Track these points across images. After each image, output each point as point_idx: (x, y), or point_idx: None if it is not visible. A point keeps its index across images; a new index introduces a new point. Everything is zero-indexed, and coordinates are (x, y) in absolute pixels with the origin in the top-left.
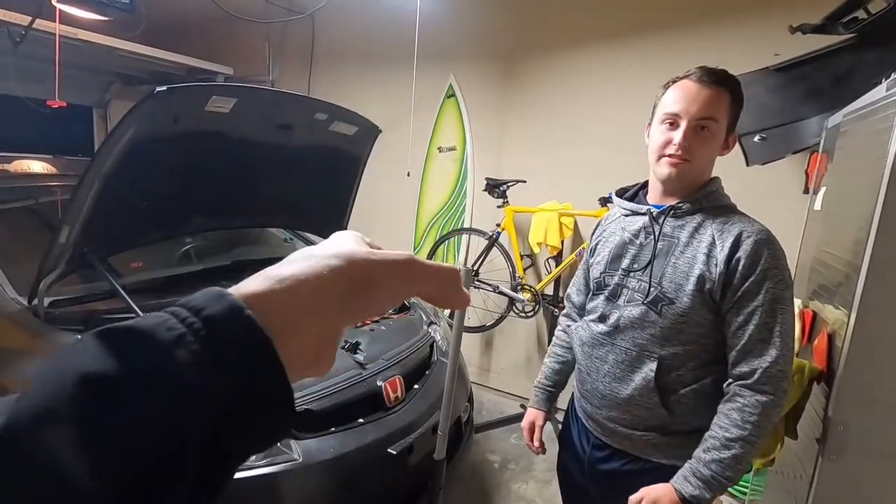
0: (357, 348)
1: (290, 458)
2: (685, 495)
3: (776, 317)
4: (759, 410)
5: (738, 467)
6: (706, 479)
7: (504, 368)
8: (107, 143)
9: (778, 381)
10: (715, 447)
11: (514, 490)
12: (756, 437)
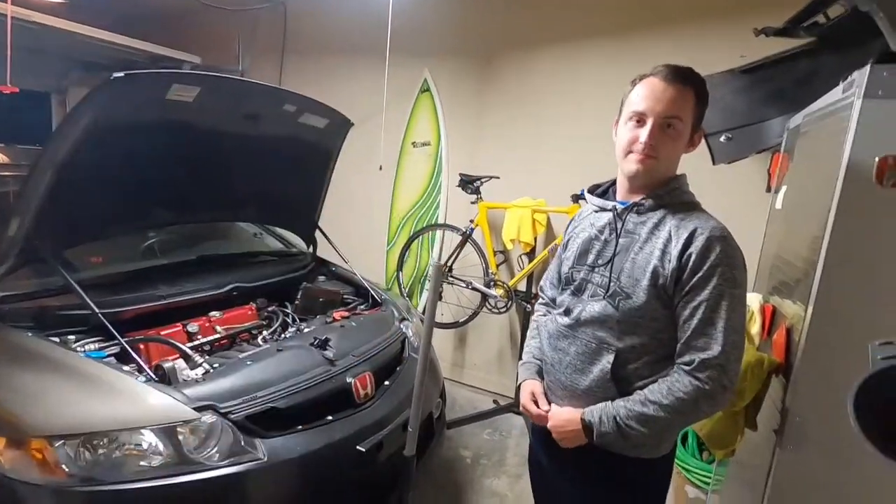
0: (326, 344)
1: (254, 457)
2: (585, 419)
3: (720, 312)
4: (688, 392)
5: (644, 425)
6: (610, 415)
7: (477, 364)
8: (61, 131)
9: (715, 375)
10: (633, 400)
11: (487, 485)
12: (674, 412)
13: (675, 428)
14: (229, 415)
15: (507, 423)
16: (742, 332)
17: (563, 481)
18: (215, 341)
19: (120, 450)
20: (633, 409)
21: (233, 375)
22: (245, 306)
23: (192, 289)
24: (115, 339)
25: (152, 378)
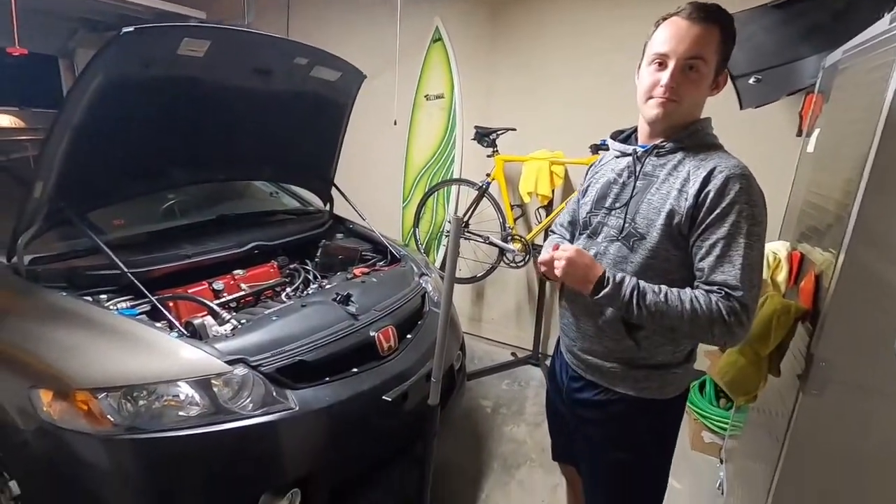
0: (349, 300)
1: (286, 407)
2: (606, 274)
3: (739, 248)
4: (707, 310)
5: (654, 313)
6: (631, 287)
7: (495, 318)
8: (74, 91)
9: (736, 309)
10: (659, 288)
11: (506, 432)
12: (688, 318)
13: (679, 334)
14: (259, 367)
15: (526, 374)
16: (760, 270)
17: (576, 425)
18: (241, 298)
19: (159, 401)
20: (654, 290)
21: (260, 330)
22: (267, 264)
23: (215, 248)
24: (146, 297)
25: (184, 334)
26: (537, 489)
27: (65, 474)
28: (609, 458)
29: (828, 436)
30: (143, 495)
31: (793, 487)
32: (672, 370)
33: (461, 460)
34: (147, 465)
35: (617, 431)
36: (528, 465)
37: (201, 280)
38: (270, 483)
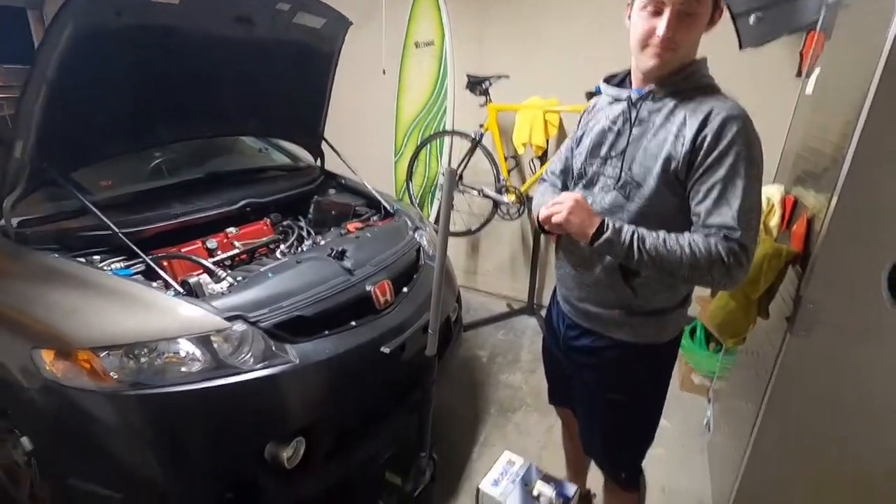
0: (344, 255)
1: (286, 360)
2: (606, 222)
3: (737, 190)
4: (706, 253)
5: (654, 251)
6: (630, 229)
7: (490, 270)
8: (45, 44)
9: (735, 249)
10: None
11: (503, 380)
12: (687, 261)
13: (678, 279)
14: (258, 323)
15: (521, 324)
16: (759, 212)
17: (573, 370)
18: (235, 256)
19: (161, 358)
20: (653, 235)
21: (257, 287)
22: (260, 222)
23: (206, 206)
24: (139, 257)
25: (180, 292)
26: (533, 431)
27: (73, 429)
28: (605, 399)
29: (813, 375)
30: (153, 448)
31: (776, 423)
32: (668, 315)
33: (459, 407)
34: (153, 419)
35: (614, 375)
36: (523, 410)
37: (194, 239)
38: (275, 433)
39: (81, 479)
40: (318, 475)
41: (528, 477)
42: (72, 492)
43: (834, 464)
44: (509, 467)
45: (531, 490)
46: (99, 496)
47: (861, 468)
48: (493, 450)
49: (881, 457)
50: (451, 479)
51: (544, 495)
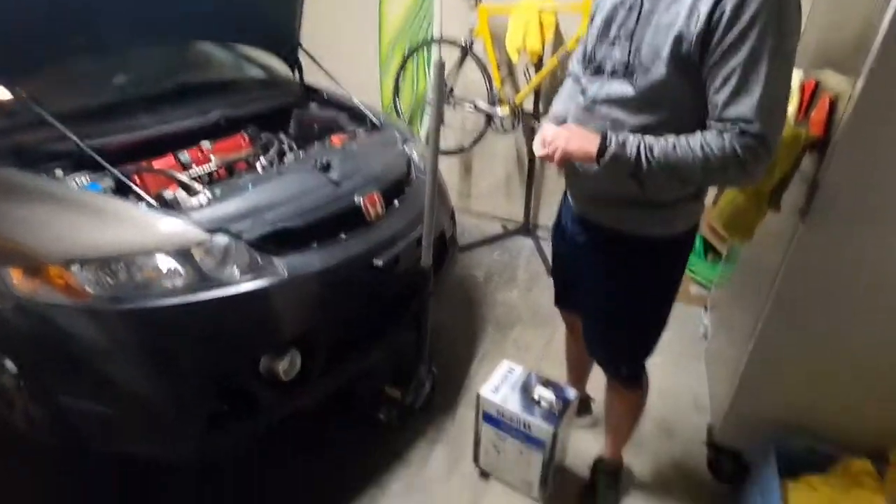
0: (329, 167)
1: (274, 273)
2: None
3: (760, 76)
4: (721, 151)
5: (664, 165)
6: (636, 139)
7: (484, 192)
8: None
9: (753, 145)
10: (664, 138)
11: (499, 298)
12: (701, 164)
13: (691, 184)
14: (241, 235)
15: (516, 244)
16: (786, 96)
17: (579, 267)
18: (213, 171)
19: (140, 273)
20: (661, 142)
21: (237, 199)
22: (236, 135)
23: (176, 118)
24: (106, 171)
25: (155, 206)
26: (531, 345)
27: (55, 347)
28: (609, 294)
29: (822, 267)
30: (141, 363)
31: (779, 322)
32: (678, 207)
33: (457, 325)
34: (138, 334)
35: (617, 270)
36: (521, 326)
37: (166, 153)
38: (268, 345)
39: (72, 397)
40: (316, 387)
41: (527, 383)
42: (65, 410)
43: (834, 361)
44: (509, 375)
45: (531, 395)
46: (95, 413)
47: (860, 363)
48: (491, 364)
49: (885, 348)
50: (451, 392)
51: (544, 399)
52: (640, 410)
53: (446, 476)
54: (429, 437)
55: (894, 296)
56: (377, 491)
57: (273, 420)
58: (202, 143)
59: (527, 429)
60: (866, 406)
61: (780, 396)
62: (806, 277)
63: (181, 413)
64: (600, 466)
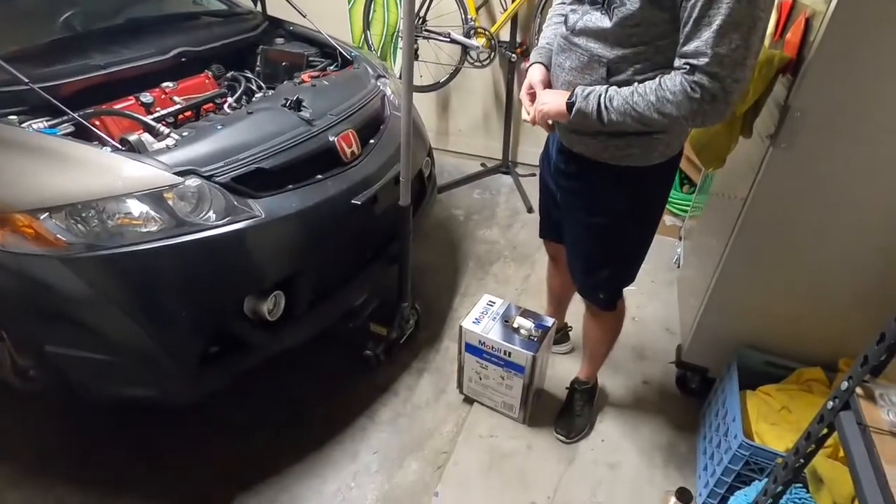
0: (300, 105)
1: (251, 215)
2: (574, 92)
3: (720, 6)
4: (675, 93)
5: (624, 113)
6: (596, 94)
7: (462, 130)
8: None
9: (705, 82)
10: (625, 88)
11: (479, 236)
12: (656, 109)
13: (656, 127)
14: (214, 178)
15: (496, 182)
16: (751, 28)
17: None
18: (178, 113)
19: (112, 219)
20: (621, 92)
21: (207, 140)
22: (200, 75)
23: (133, 56)
24: (65, 114)
25: (119, 150)
26: (511, 280)
27: (32, 296)
28: (587, 224)
29: (788, 194)
30: (125, 309)
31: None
32: (655, 136)
33: (439, 263)
34: (119, 281)
35: (596, 200)
36: (501, 261)
37: (125, 96)
38: (251, 288)
39: (58, 346)
40: (302, 326)
41: (507, 314)
42: (53, 360)
43: (794, 281)
44: (489, 307)
45: (511, 325)
46: (84, 360)
47: (819, 282)
48: (473, 299)
49: (843, 267)
50: (435, 326)
51: (524, 328)
52: (616, 334)
53: (433, 403)
54: (415, 369)
55: (855, 217)
56: (367, 421)
57: (264, 358)
58: (164, 84)
59: (507, 356)
60: (821, 322)
61: (743, 316)
62: (773, 202)
63: (171, 356)
64: (576, 387)
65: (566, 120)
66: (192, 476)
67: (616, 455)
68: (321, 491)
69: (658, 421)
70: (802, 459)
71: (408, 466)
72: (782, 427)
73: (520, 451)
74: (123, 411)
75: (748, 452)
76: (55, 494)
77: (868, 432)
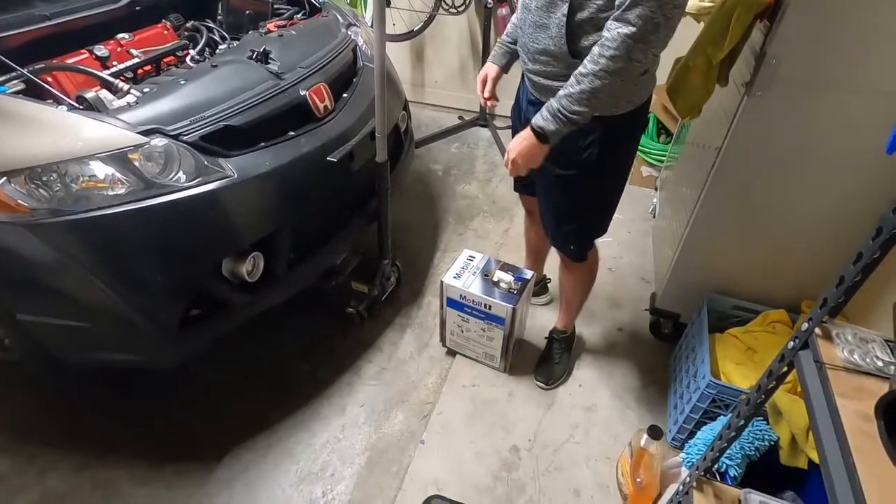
0: (268, 57)
1: (223, 175)
2: (534, 127)
3: None
4: (617, 44)
5: (584, 101)
6: (553, 111)
7: (438, 81)
8: None
9: (644, 13)
10: (570, 84)
11: (459, 191)
12: (609, 73)
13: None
14: (180, 137)
15: (474, 136)
16: None
17: None
18: (137, 67)
19: (76, 182)
20: (570, 92)
21: (170, 97)
22: (157, 25)
23: (81, 4)
24: (12, 71)
25: (77, 108)
26: (490, 234)
27: (1, 267)
28: (556, 175)
29: (761, 142)
30: (97, 274)
31: (718, 194)
32: None
33: (419, 219)
34: (89, 246)
35: (565, 151)
36: (481, 216)
37: (77, 50)
38: (228, 249)
39: (31, 314)
40: (283, 286)
41: (487, 268)
42: (28, 328)
43: (762, 228)
44: (469, 262)
45: (491, 278)
46: (60, 327)
47: (786, 228)
48: (453, 254)
49: (809, 213)
50: (416, 282)
51: (503, 281)
52: (590, 284)
53: (416, 357)
54: (398, 325)
55: (823, 167)
56: (353, 377)
57: (246, 319)
58: (119, 35)
59: (488, 309)
60: (787, 267)
61: (714, 263)
62: (746, 150)
63: (149, 319)
64: (555, 336)
65: (548, 148)
66: (180, 436)
67: (592, 398)
68: (311, 443)
69: (632, 365)
70: (764, 395)
71: (394, 417)
72: (747, 366)
73: (501, 398)
74: (105, 378)
75: (715, 391)
76: (39, 463)
77: (824, 369)
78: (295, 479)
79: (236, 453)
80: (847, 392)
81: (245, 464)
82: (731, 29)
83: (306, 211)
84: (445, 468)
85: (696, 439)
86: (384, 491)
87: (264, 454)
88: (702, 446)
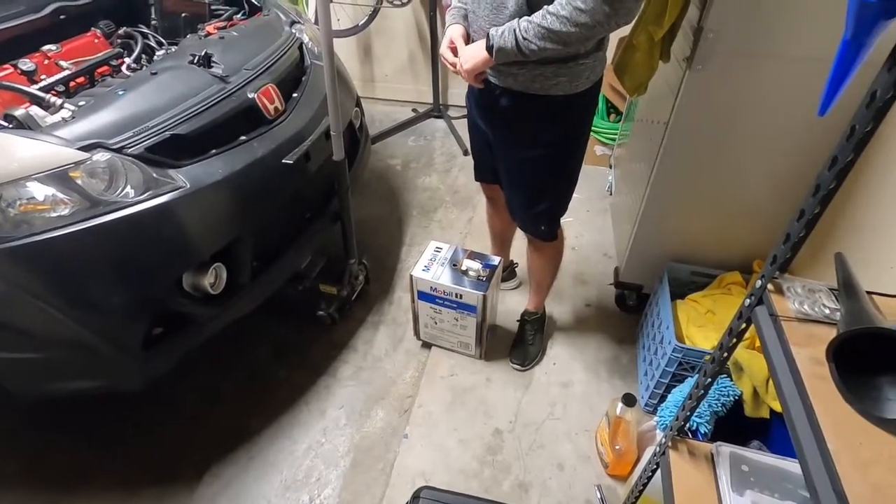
0: (210, 60)
1: (174, 186)
2: (488, 36)
3: None
4: None
5: (541, 35)
6: (511, 28)
7: (388, 75)
8: None
9: None
10: (536, 14)
11: (420, 183)
12: (571, 22)
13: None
14: (124, 150)
15: (430, 127)
16: None
17: (493, 133)
18: (69, 80)
19: (14, 207)
20: (533, 20)
21: (109, 108)
22: (87, 34)
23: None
24: None
25: (5, 127)
26: (455, 224)
27: None
28: (524, 159)
29: (706, 113)
30: (46, 302)
31: (670, 165)
32: (580, 61)
33: (382, 215)
34: (34, 273)
35: (529, 132)
36: (444, 207)
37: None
38: (187, 263)
39: None
40: (249, 295)
41: (455, 258)
42: None
43: (714, 196)
44: (437, 253)
45: (460, 268)
46: (14, 362)
47: (736, 195)
48: (420, 247)
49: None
50: (385, 278)
51: (472, 269)
52: (559, 263)
53: (392, 353)
54: (370, 323)
55: (764, 131)
56: (330, 379)
57: (213, 332)
58: (45, 47)
59: (459, 298)
60: (738, 231)
61: (671, 234)
62: (692, 123)
63: (109, 343)
64: (527, 318)
65: (492, 63)
66: (156, 459)
67: (567, 375)
68: (293, 451)
69: (602, 339)
70: (726, 353)
71: (375, 415)
72: (709, 328)
73: (479, 384)
74: (68, 404)
75: (681, 354)
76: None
77: (779, 321)
78: (280, 488)
79: (217, 470)
80: (800, 340)
81: (227, 479)
82: (669, 6)
83: (266, 216)
84: (431, 459)
85: (668, 402)
86: (372, 489)
87: (246, 467)
88: (673, 408)
